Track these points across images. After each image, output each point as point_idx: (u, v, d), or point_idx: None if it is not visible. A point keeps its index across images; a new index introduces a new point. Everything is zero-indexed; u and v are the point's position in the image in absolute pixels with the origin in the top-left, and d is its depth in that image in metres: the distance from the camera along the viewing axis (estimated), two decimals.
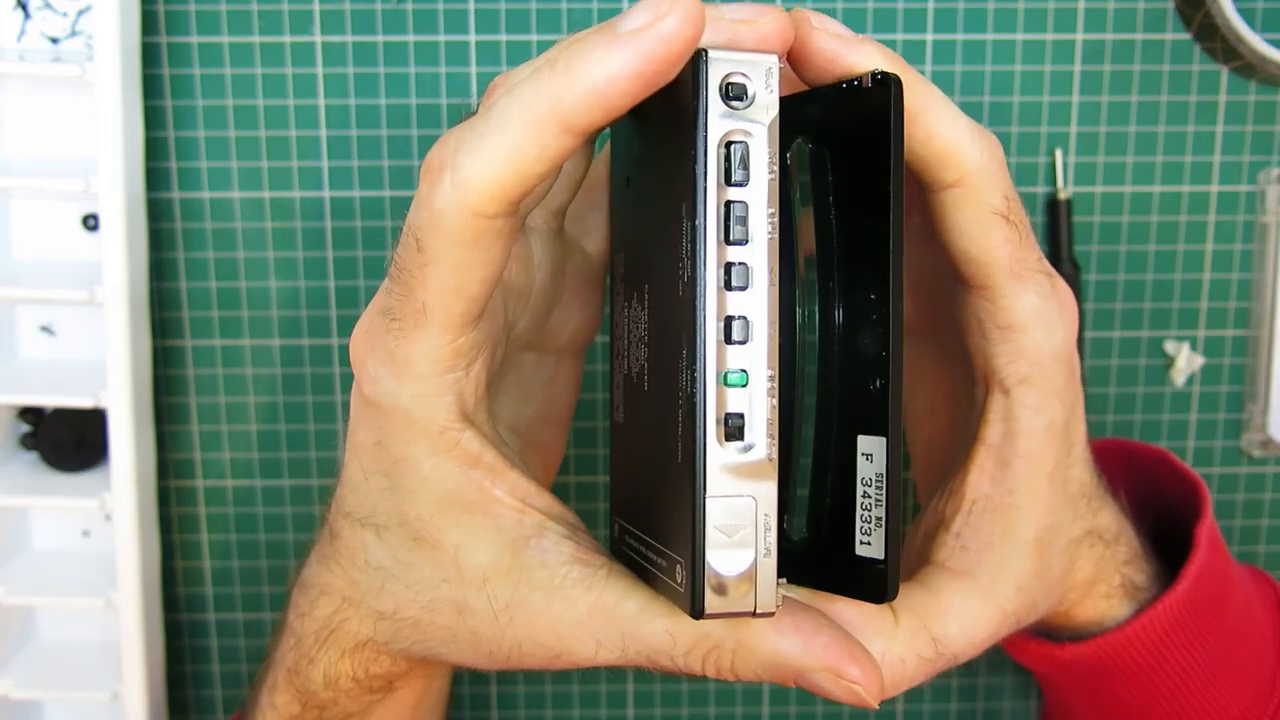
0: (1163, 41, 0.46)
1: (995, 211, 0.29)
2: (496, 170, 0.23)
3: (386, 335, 0.26)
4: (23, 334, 0.47)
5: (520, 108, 0.23)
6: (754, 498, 0.25)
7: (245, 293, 0.47)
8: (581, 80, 0.22)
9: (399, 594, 0.29)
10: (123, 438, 0.44)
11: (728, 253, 0.24)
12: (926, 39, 0.46)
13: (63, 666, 0.48)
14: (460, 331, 0.25)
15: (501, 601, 0.27)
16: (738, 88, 0.24)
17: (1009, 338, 0.29)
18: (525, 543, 0.27)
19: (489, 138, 0.23)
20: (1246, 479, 0.49)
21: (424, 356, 0.26)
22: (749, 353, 0.24)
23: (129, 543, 0.44)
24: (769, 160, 0.24)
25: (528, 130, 0.23)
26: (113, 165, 0.42)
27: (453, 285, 0.25)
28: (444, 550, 0.27)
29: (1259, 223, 0.47)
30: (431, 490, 0.27)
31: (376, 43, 0.45)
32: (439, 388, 0.26)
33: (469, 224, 0.24)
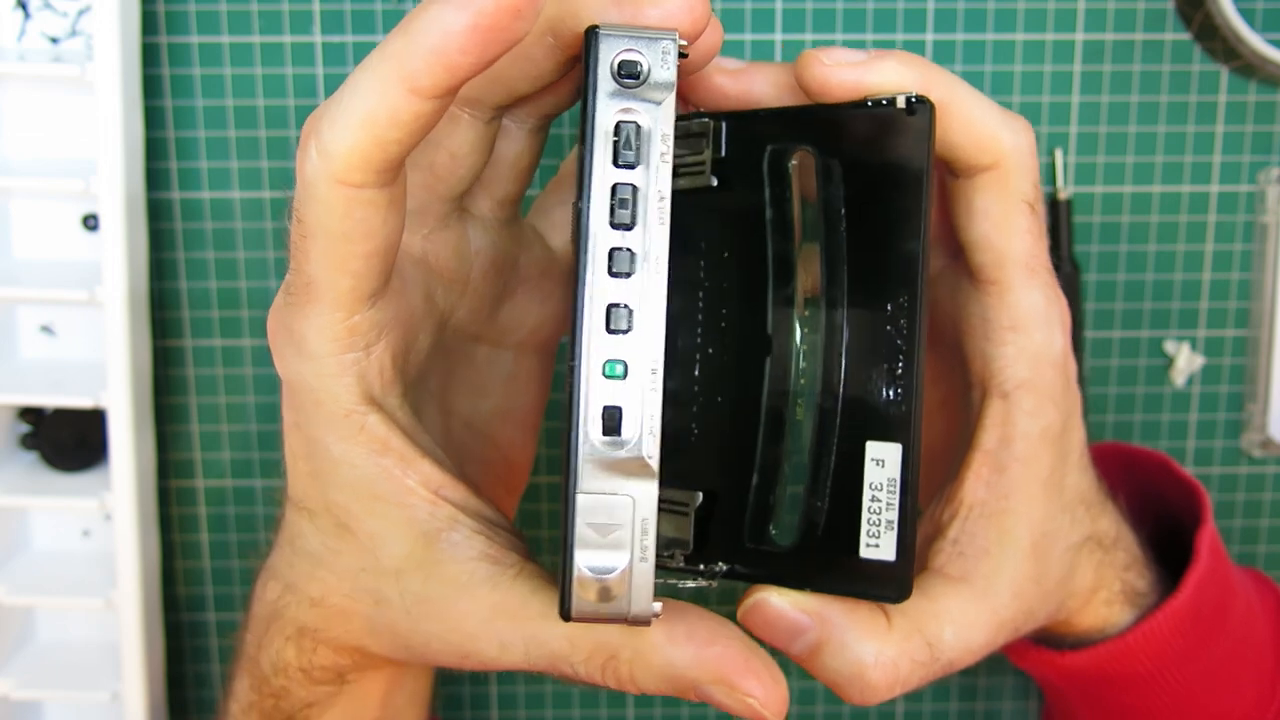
0: (1163, 41, 0.46)
1: (1024, 199, 0.28)
2: (352, 136, 0.23)
3: (286, 311, 0.26)
4: (23, 334, 0.47)
5: (369, 71, 0.22)
6: (631, 498, 0.24)
7: (245, 293, 0.47)
8: (419, 39, 0.22)
9: (326, 580, 0.28)
10: (123, 438, 0.44)
11: (612, 237, 0.23)
12: (926, 39, 0.46)
13: (63, 666, 0.48)
14: (352, 309, 0.25)
15: (413, 595, 0.27)
16: (630, 65, 0.23)
17: (1011, 339, 0.29)
18: (437, 535, 0.27)
19: (343, 103, 0.23)
20: (1246, 479, 0.49)
21: (317, 334, 0.25)
22: (631, 343, 0.23)
23: (129, 543, 0.44)
24: (661, 142, 0.23)
25: (375, 93, 0.22)
26: (113, 165, 0.42)
27: (334, 259, 0.24)
28: (363, 538, 0.27)
29: (1259, 223, 0.47)
30: (344, 476, 0.27)
31: (376, 43, 0.45)
32: (338, 367, 0.25)
33: (336, 193, 0.23)
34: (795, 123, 0.27)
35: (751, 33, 0.46)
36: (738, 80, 0.28)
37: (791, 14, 0.45)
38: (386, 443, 0.26)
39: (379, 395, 0.26)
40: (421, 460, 0.27)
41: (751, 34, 0.46)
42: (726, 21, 0.45)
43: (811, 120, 0.27)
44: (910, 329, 0.25)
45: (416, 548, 0.27)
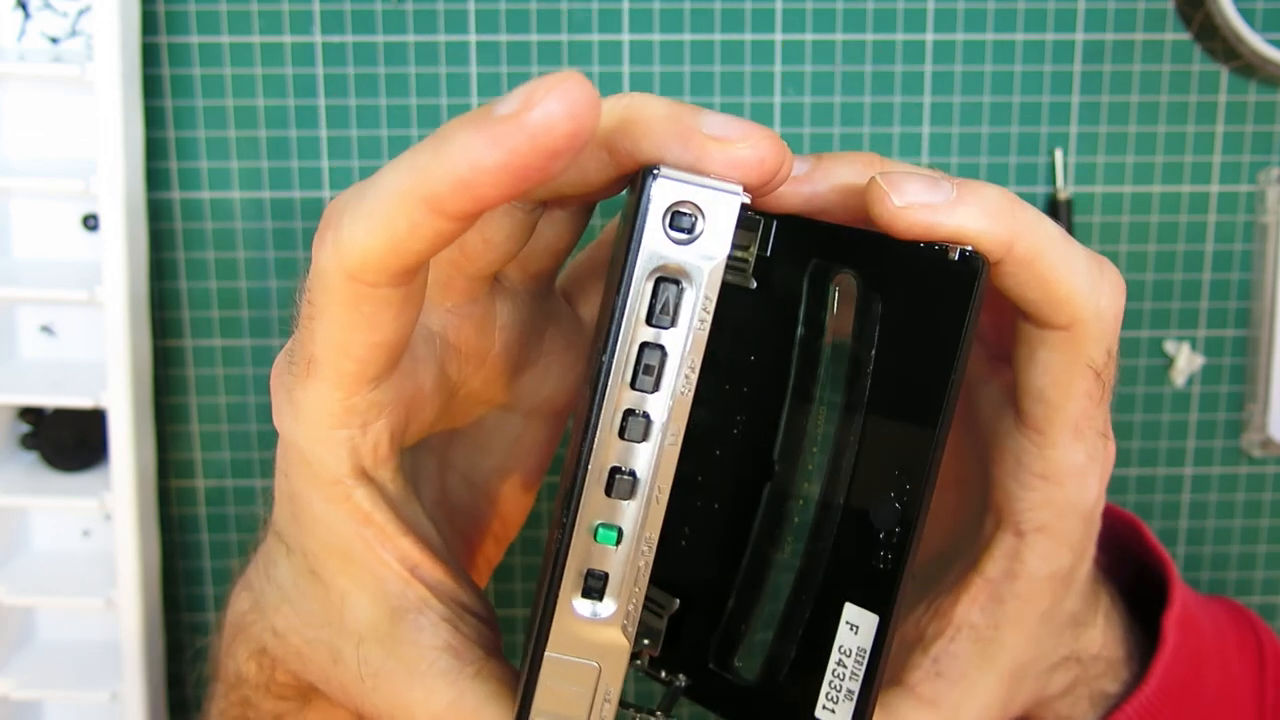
0: (1163, 41, 0.46)
1: (1091, 365, 0.26)
2: (370, 240, 0.21)
3: (287, 375, 0.25)
4: (23, 334, 0.47)
5: (394, 181, 0.21)
6: (598, 665, 0.23)
7: (245, 293, 0.47)
8: (447, 165, 0.20)
9: (290, 618, 0.28)
10: (123, 438, 0.44)
11: (629, 398, 0.22)
12: (926, 39, 0.46)
13: (63, 666, 0.48)
14: (352, 390, 0.24)
15: (370, 666, 0.26)
16: (685, 219, 0.21)
17: (1039, 486, 0.27)
18: (404, 614, 0.26)
19: (365, 205, 0.21)
20: (1246, 479, 0.49)
21: (313, 406, 0.24)
22: (628, 510, 0.22)
23: (129, 543, 0.44)
24: (701, 308, 0.22)
25: (398, 206, 0.21)
26: (113, 165, 0.42)
27: (338, 343, 0.23)
28: (332, 593, 0.27)
29: (1259, 223, 0.47)
30: (321, 533, 0.26)
31: (376, 43, 0.45)
32: (331, 440, 0.25)
33: (348, 287, 0.22)
34: (846, 243, 0.25)
35: (751, 33, 0.46)
36: (800, 187, 0.25)
37: (791, 14, 0.45)
38: (370, 517, 0.26)
39: (371, 469, 0.26)
40: (403, 537, 0.26)
41: (751, 34, 0.46)
42: (726, 22, 0.45)
43: (863, 243, 0.25)
44: (913, 505, 0.24)
45: (382, 620, 0.26)
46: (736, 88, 0.46)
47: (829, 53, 0.46)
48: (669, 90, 0.46)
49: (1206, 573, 0.50)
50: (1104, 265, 0.26)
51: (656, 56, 0.46)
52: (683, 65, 0.46)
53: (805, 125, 0.46)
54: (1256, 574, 0.50)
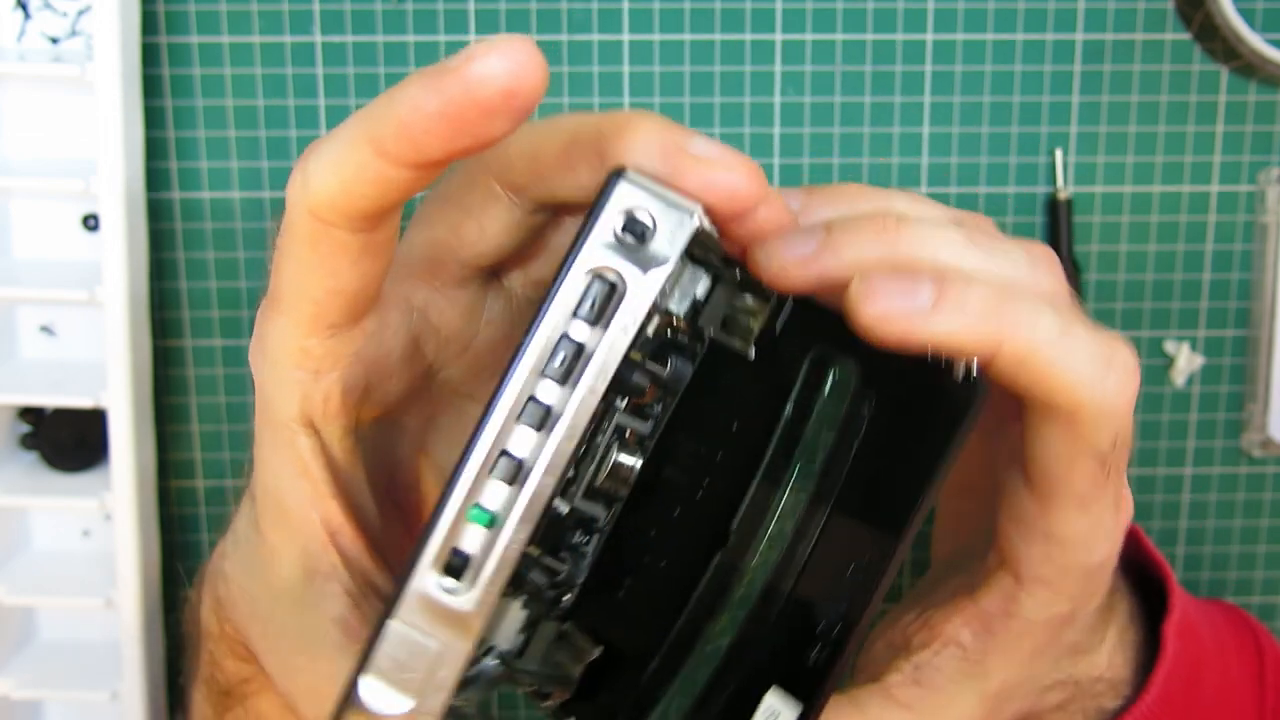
0: (1163, 41, 0.46)
1: (1096, 452, 0.25)
2: (325, 178, 0.22)
3: (260, 310, 0.25)
4: (23, 334, 0.47)
5: (350, 123, 0.22)
6: (441, 646, 0.21)
7: (245, 293, 0.47)
8: (392, 108, 0.21)
9: (235, 565, 0.28)
10: (123, 438, 0.44)
11: (536, 385, 0.21)
12: (926, 39, 0.46)
13: (63, 666, 0.48)
14: (309, 332, 0.24)
15: (273, 625, 0.26)
16: (638, 225, 0.21)
17: (1043, 544, 0.26)
18: (314, 577, 0.26)
19: (325, 144, 0.22)
20: (1246, 479, 0.49)
21: (274, 341, 0.25)
22: (508, 498, 0.21)
23: (129, 543, 0.44)
24: (632, 318, 0.21)
25: (349, 147, 0.22)
26: (113, 165, 0.42)
27: (297, 282, 0.24)
28: (265, 545, 0.27)
29: (1259, 223, 0.47)
30: (265, 478, 0.26)
31: (376, 43, 0.45)
32: (284, 379, 0.25)
33: (307, 223, 0.23)
34: (853, 335, 0.24)
35: (751, 33, 0.46)
36: (808, 270, 0.24)
37: (791, 14, 0.45)
38: (307, 468, 0.26)
39: (319, 421, 0.26)
40: (331, 499, 0.26)
41: (751, 34, 0.46)
42: (726, 22, 0.45)
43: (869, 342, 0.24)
44: (858, 608, 0.23)
45: (297, 581, 0.26)
46: (736, 88, 0.46)
47: (829, 53, 0.46)
48: (669, 90, 0.46)
49: (1206, 573, 0.50)
50: (1114, 349, 0.24)
51: (656, 56, 0.46)
52: (683, 65, 0.46)
53: (805, 125, 0.46)
54: (1256, 574, 0.50)
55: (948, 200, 0.47)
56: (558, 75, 0.46)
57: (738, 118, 0.46)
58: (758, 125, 0.46)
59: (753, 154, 0.46)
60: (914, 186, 0.47)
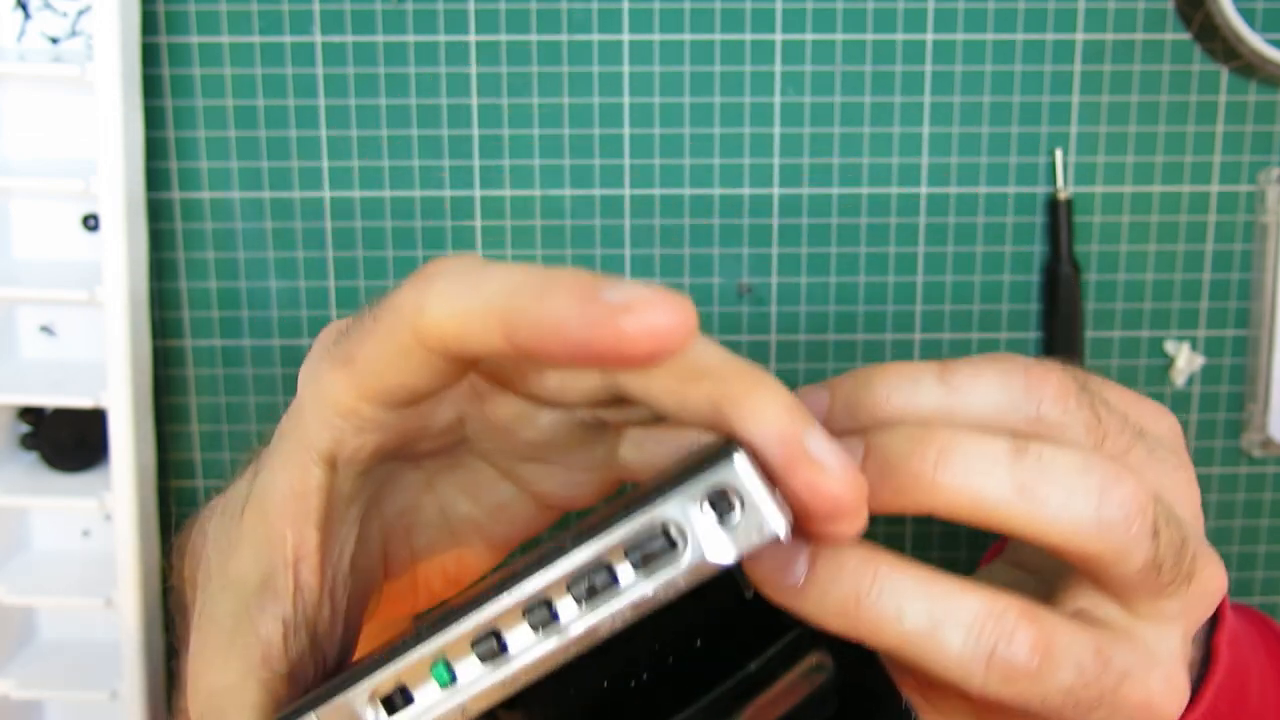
0: (1163, 41, 0.46)
1: (1135, 574, 0.24)
2: (444, 317, 0.22)
3: (331, 346, 0.25)
4: (23, 334, 0.47)
5: (493, 287, 0.21)
6: None
7: (245, 293, 0.47)
8: (539, 308, 0.20)
9: (216, 527, 0.28)
10: (123, 438, 0.44)
11: (557, 594, 0.21)
12: (926, 39, 0.46)
13: (63, 666, 0.48)
14: (367, 400, 0.24)
15: (209, 610, 0.26)
16: (724, 505, 0.20)
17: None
18: (263, 590, 0.25)
19: (460, 288, 0.22)
20: (1246, 479, 0.49)
21: (329, 389, 0.24)
22: (477, 674, 0.21)
23: (129, 543, 0.44)
24: (674, 587, 0.20)
25: (483, 309, 0.21)
26: (113, 165, 0.42)
27: (373, 364, 0.23)
28: (235, 532, 0.26)
29: (1259, 223, 0.47)
30: (267, 477, 0.26)
31: (376, 43, 0.45)
32: (326, 418, 0.25)
33: (407, 336, 0.22)
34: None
35: (751, 33, 0.46)
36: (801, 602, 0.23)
37: (791, 14, 0.45)
38: (305, 494, 0.25)
39: (341, 462, 0.25)
40: (313, 529, 0.25)
41: (751, 34, 0.46)
42: (726, 22, 0.45)
43: (851, 646, 0.24)
44: None
45: (249, 581, 0.25)
46: (737, 88, 0.46)
47: (829, 53, 0.46)
48: (668, 90, 0.46)
49: None
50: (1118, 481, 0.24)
51: (656, 56, 0.46)
52: (683, 65, 0.46)
53: (805, 125, 0.46)
54: (1256, 574, 0.50)
55: (947, 200, 0.47)
56: (557, 75, 0.46)
57: (738, 118, 0.46)
58: (758, 125, 0.46)
59: (752, 154, 0.46)
60: (914, 186, 0.47)
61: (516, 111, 0.46)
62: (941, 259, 0.47)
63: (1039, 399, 0.26)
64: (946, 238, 0.47)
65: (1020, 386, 0.26)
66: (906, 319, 0.48)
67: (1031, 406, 0.26)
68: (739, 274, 0.47)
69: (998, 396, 0.26)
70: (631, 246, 0.47)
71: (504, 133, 0.46)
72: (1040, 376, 0.26)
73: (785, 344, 0.48)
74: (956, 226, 0.47)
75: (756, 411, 0.22)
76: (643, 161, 0.46)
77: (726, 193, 0.47)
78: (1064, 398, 0.26)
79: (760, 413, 0.21)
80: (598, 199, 0.47)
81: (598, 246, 0.47)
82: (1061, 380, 0.26)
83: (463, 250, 0.48)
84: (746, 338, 0.48)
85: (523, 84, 0.46)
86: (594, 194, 0.47)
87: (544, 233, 0.47)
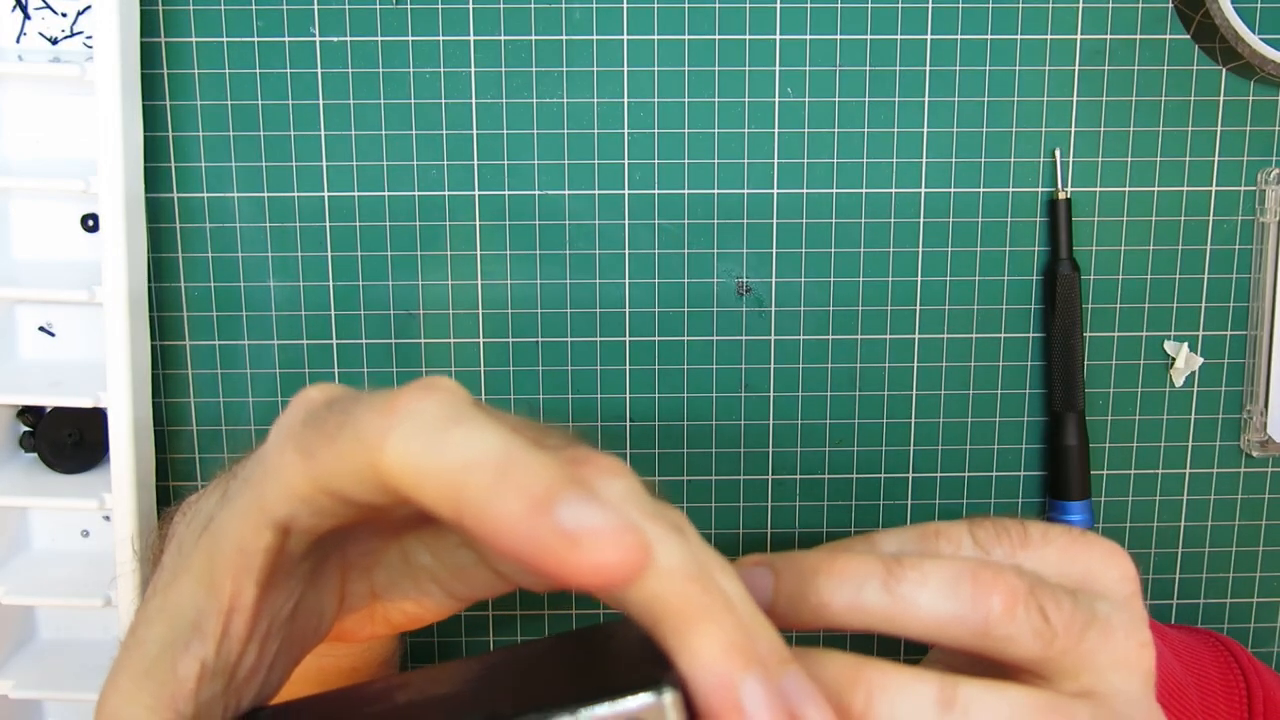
0: (1162, 41, 0.46)
1: None
2: (406, 465, 0.21)
3: (312, 430, 0.24)
4: (23, 334, 0.47)
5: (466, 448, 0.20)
6: None
7: (244, 293, 0.47)
8: (495, 497, 0.19)
9: (184, 529, 0.28)
10: (122, 438, 0.44)
11: None
12: (926, 39, 0.46)
13: (62, 666, 0.48)
14: (321, 493, 0.24)
15: (136, 636, 0.26)
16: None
17: None
18: (194, 627, 0.25)
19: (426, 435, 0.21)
20: (1246, 479, 0.49)
21: (290, 468, 0.24)
22: None
23: (128, 543, 0.44)
24: None
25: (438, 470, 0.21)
26: (112, 165, 0.42)
27: (330, 475, 0.23)
28: (186, 558, 0.26)
29: (1258, 223, 0.47)
30: (221, 519, 0.26)
31: (376, 43, 0.45)
32: (280, 497, 0.24)
33: (362, 468, 0.22)
34: None
35: (751, 33, 0.46)
36: None
37: (791, 14, 0.45)
38: (254, 555, 0.25)
39: (294, 531, 0.25)
40: (253, 587, 0.25)
41: (751, 34, 0.46)
42: (726, 22, 0.45)
43: None
44: None
45: (185, 621, 0.25)
46: (737, 88, 0.46)
47: (829, 53, 0.46)
48: (668, 90, 0.46)
49: (1206, 573, 0.50)
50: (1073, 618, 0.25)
51: (656, 56, 0.46)
52: (682, 65, 0.46)
53: (805, 125, 0.46)
54: (1256, 574, 0.50)
55: (947, 200, 0.47)
56: (557, 75, 0.46)
57: (738, 118, 0.46)
58: (757, 125, 0.46)
59: (752, 154, 0.46)
60: (914, 187, 0.47)
61: (515, 111, 0.46)
62: (941, 259, 0.47)
63: (986, 609, 0.26)
64: (946, 238, 0.47)
65: (967, 596, 0.26)
66: (906, 319, 0.48)
67: (979, 617, 0.26)
68: (739, 274, 0.47)
69: (944, 606, 0.26)
70: (631, 246, 0.47)
71: (503, 132, 0.46)
72: (988, 584, 0.26)
73: (785, 344, 0.48)
74: (956, 226, 0.47)
75: (699, 650, 0.21)
76: (642, 161, 0.46)
77: (726, 193, 0.47)
78: (1012, 606, 0.26)
79: (702, 652, 0.21)
80: (597, 199, 0.47)
81: (597, 247, 0.47)
82: (1010, 587, 0.26)
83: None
84: (746, 338, 0.48)
85: (522, 83, 0.46)
86: (593, 194, 0.47)
87: (543, 232, 0.47)
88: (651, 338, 0.48)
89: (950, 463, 0.49)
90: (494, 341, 0.48)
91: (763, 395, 0.48)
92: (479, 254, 0.47)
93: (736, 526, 0.49)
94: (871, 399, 0.48)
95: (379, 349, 0.47)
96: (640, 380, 0.48)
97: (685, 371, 0.48)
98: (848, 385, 0.48)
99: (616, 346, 0.48)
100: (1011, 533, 0.28)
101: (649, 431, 0.48)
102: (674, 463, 0.49)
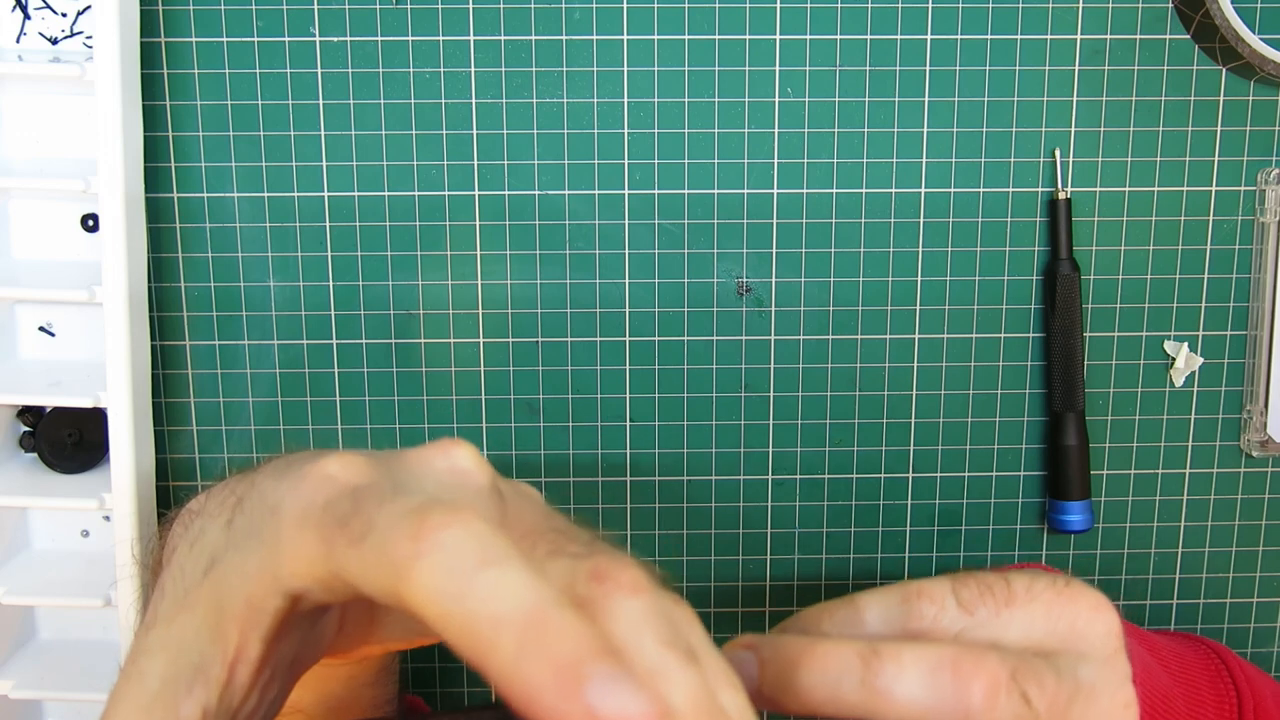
0: (1162, 41, 0.46)
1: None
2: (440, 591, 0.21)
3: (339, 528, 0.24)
4: (22, 334, 0.47)
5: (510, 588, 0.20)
6: None
7: (244, 293, 0.47)
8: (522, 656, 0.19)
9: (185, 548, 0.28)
10: (122, 438, 0.44)
11: None
12: (926, 39, 0.46)
13: (62, 666, 0.48)
14: (338, 580, 0.24)
15: (138, 668, 0.25)
16: None
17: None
18: (196, 672, 0.25)
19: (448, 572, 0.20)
20: (1246, 479, 0.49)
21: (311, 549, 0.24)
22: None
23: (128, 543, 0.44)
24: None
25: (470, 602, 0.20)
26: (112, 165, 0.42)
27: (351, 574, 0.23)
28: (198, 600, 0.26)
29: (1258, 223, 0.47)
30: (234, 572, 0.26)
31: (376, 43, 0.45)
32: (297, 572, 0.24)
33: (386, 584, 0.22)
34: None
35: (750, 33, 0.46)
36: None
37: (791, 14, 0.45)
38: (264, 614, 0.25)
39: (304, 599, 0.25)
40: (260, 643, 0.25)
41: (750, 34, 0.46)
42: (726, 22, 0.45)
43: None
44: None
45: (189, 660, 0.25)
46: (737, 88, 0.46)
47: (829, 53, 0.46)
48: (668, 90, 0.46)
49: (1206, 573, 0.50)
50: None
51: (656, 56, 0.46)
52: (682, 65, 0.46)
53: (805, 125, 0.46)
54: (1256, 574, 0.50)
55: (947, 200, 0.47)
56: (557, 75, 0.46)
57: (738, 118, 0.46)
58: (757, 125, 0.46)
59: (752, 154, 0.46)
60: (914, 187, 0.47)
61: (515, 111, 0.46)
62: (941, 259, 0.47)
63: (968, 700, 0.26)
64: (946, 238, 0.47)
65: (948, 686, 0.26)
66: (906, 319, 0.48)
67: (960, 707, 0.26)
68: (739, 274, 0.47)
69: (924, 697, 0.26)
70: (631, 246, 0.47)
71: (503, 132, 0.46)
72: (969, 674, 0.26)
73: (785, 344, 0.48)
74: (956, 226, 0.47)
75: None
76: (642, 161, 0.46)
77: (726, 193, 0.47)
78: (994, 694, 0.26)
79: None
80: (597, 199, 0.47)
81: (597, 247, 0.47)
82: (991, 675, 0.26)
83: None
84: (746, 338, 0.48)
85: (522, 83, 0.46)
86: (593, 194, 0.47)
87: (543, 232, 0.47)
88: (651, 338, 0.48)
89: (950, 463, 0.49)
90: (494, 341, 0.48)
91: (763, 395, 0.48)
92: (479, 254, 0.47)
93: (737, 527, 0.49)
94: (871, 399, 0.48)
95: (379, 349, 0.47)
96: (640, 380, 0.48)
97: (685, 371, 0.48)
98: (848, 385, 0.48)
99: (616, 346, 0.48)
100: (995, 591, 0.28)
101: (649, 432, 0.48)
102: (674, 463, 0.49)
